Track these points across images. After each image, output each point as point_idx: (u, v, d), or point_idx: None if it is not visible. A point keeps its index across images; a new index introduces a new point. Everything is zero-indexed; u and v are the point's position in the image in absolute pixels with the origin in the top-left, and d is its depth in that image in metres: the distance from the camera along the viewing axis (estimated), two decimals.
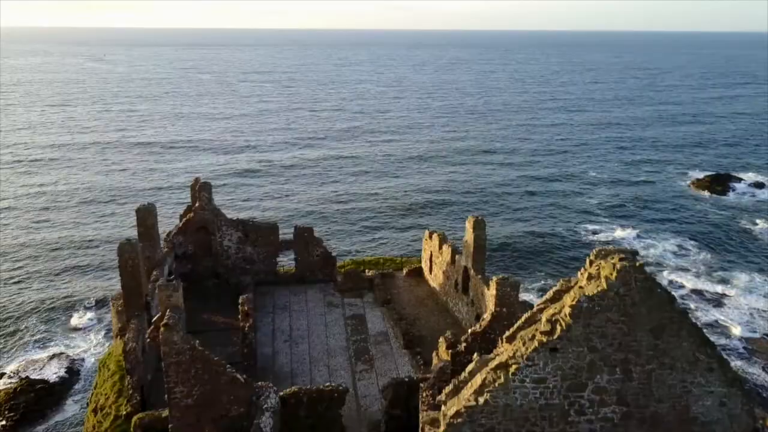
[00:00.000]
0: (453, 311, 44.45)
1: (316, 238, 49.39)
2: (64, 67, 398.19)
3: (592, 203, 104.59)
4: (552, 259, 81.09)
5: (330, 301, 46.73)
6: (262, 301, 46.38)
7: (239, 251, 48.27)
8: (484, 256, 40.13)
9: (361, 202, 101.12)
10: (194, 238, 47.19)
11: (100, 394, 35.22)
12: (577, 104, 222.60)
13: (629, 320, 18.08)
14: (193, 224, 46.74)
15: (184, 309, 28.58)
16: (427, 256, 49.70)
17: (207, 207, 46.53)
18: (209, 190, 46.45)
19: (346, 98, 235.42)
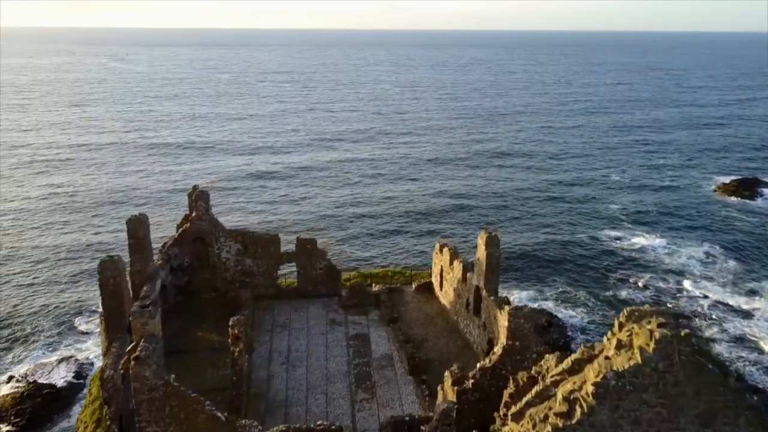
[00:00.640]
0: (464, 332, 41.34)
1: (319, 250, 46.63)
2: (87, 66, 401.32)
3: (614, 209, 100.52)
4: (572, 268, 77.19)
5: (333, 319, 43.90)
6: (261, 318, 43.73)
7: (238, 264, 45.67)
8: (498, 275, 36.98)
9: (376, 206, 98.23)
10: (191, 250, 44.70)
11: (81, 421, 32.81)
12: (598, 106, 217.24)
13: (670, 404, 14.20)
14: (189, 235, 44.24)
15: (178, 327, 25.96)
16: (438, 271, 46.65)
17: (204, 217, 43.99)
18: (206, 199, 43.88)
19: (364, 98, 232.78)
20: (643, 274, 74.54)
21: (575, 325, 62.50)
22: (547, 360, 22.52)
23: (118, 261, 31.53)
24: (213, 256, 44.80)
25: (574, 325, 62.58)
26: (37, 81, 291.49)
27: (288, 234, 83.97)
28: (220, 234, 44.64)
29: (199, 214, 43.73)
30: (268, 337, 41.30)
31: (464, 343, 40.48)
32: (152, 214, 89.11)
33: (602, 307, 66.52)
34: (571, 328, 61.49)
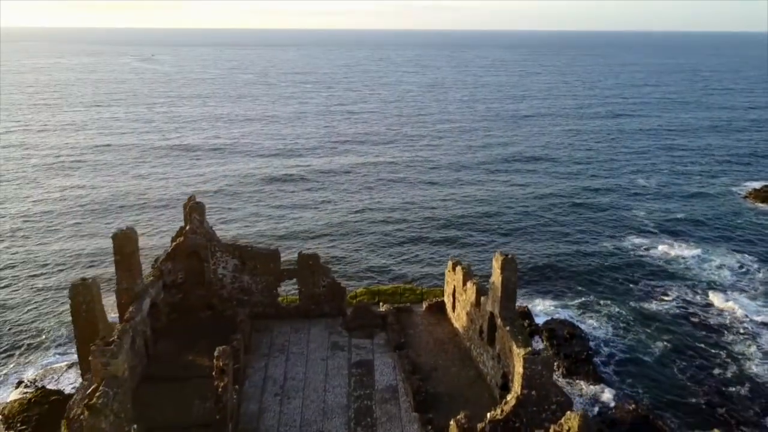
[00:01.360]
0: (477, 361, 37.70)
1: (322, 266, 43.37)
2: (113, 66, 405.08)
3: (640, 216, 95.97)
4: (596, 277, 73.37)
5: (335, 342, 40.59)
6: (258, 341, 40.61)
7: (235, 280, 42.65)
8: (515, 302, 33.28)
9: (393, 212, 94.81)
10: (185, 265, 41.78)
11: None
12: (624, 108, 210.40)
13: None
14: (183, 249, 41.32)
15: (168, 349, 22.87)
16: (450, 291, 43.06)
17: (199, 230, 41.03)
18: (201, 212, 40.90)
19: (385, 99, 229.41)
20: (671, 284, 71.06)
21: (598, 338, 59.60)
22: (569, 419, 18.82)
23: (91, 284, 28.63)
24: (208, 272, 41.83)
25: (598, 337, 59.70)
26: (61, 81, 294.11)
27: (300, 240, 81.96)
28: (216, 248, 41.65)
29: (193, 228, 40.78)
30: (263, 362, 38.15)
31: (477, 374, 36.85)
32: (167, 218, 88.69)
33: (627, 318, 63.42)
34: (593, 340, 58.73)
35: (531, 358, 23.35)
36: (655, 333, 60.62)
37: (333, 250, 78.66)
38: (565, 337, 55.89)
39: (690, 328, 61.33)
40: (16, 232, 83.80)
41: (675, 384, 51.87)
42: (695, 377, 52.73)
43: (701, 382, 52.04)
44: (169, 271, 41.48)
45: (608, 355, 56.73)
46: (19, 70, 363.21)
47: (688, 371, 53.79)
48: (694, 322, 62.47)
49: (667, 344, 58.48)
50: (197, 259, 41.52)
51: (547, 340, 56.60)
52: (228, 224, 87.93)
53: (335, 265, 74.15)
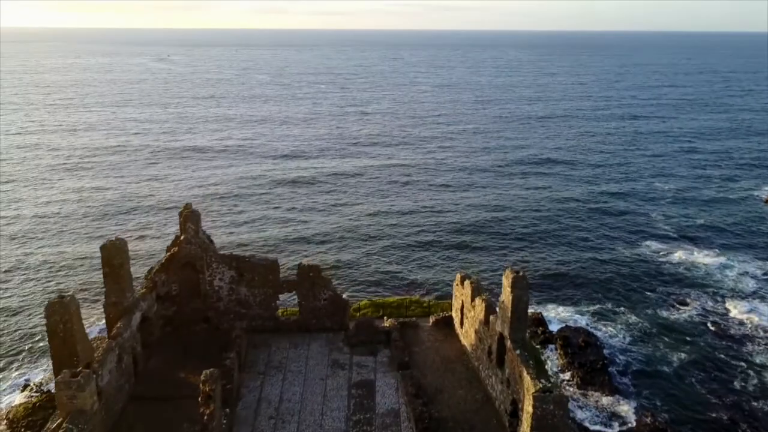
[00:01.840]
0: (485, 384, 35.35)
1: (323, 278, 41.23)
2: (129, 66, 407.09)
3: (658, 221, 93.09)
4: (612, 283, 70.87)
5: (335, 360, 38.43)
6: (254, 357, 38.59)
7: (232, 292, 40.66)
8: (525, 323, 30.95)
9: (405, 216, 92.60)
10: (179, 276, 39.87)
11: None
12: (642, 110, 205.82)
13: None
14: (177, 260, 39.41)
15: (160, 365, 20.89)
16: (458, 306, 40.74)
17: (194, 240, 39.09)
18: (196, 221, 38.95)
19: (399, 101, 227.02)
20: (690, 292, 68.64)
21: (614, 346, 57.62)
22: None
23: (69, 302, 26.70)
24: (204, 283, 39.89)
25: (614, 345, 57.71)
26: (78, 81, 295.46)
27: (310, 244, 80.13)
28: (212, 259, 39.69)
29: (188, 237, 38.86)
30: (259, 381, 36.09)
31: (485, 397, 34.50)
32: (177, 222, 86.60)
33: (644, 326, 61.24)
34: (609, 349, 56.79)
35: (542, 396, 21.05)
36: (673, 342, 58.26)
37: (342, 255, 76.75)
38: (580, 345, 54.21)
39: (710, 338, 58.83)
40: (27, 233, 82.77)
41: (694, 396, 49.51)
42: (715, 390, 50.34)
43: (721, 395, 49.66)
44: (163, 283, 39.59)
45: (624, 364, 54.58)
46: (37, 70, 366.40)
47: (708, 383, 51.43)
48: (714, 332, 60.02)
49: (686, 354, 56.14)
50: (192, 270, 39.61)
51: (560, 348, 54.67)
52: (239, 227, 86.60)
53: (344, 269, 72.55)
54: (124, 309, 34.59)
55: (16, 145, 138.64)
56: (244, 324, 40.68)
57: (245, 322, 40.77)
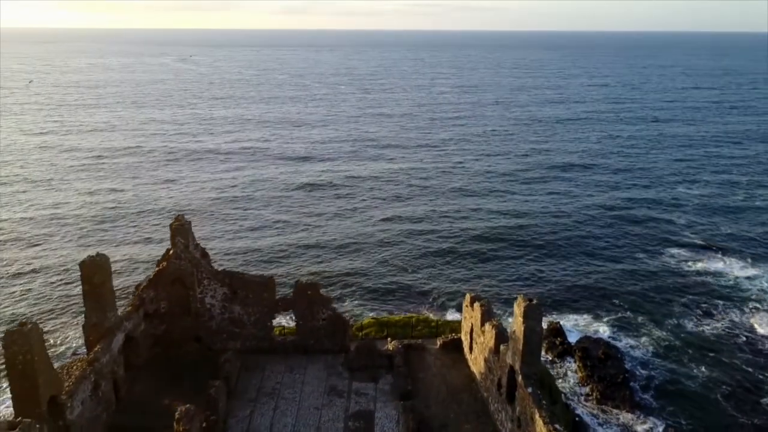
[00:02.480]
0: (494, 418, 32.20)
1: (322, 296, 38.43)
2: (152, 66, 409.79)
3: (682, 228, 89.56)
4: (634, 291, 67.92)
5: (333, 386, 35.58)
6: (246, 382, 35.89)
7: (225, 311, 38.05)
8: (539, 356, 27.78)
9: (421, 222, 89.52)
10: (168, 293, 37.38)
11: None
12: (667, 113, 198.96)
13: None
14: (166, 276, 36.91)
15: (146, 389, 18.27)
16: (468, 329, 37.64)
17: (183, 255, 36.55)
18: (186, 235, 36.39)
19: (419, 102, 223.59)
20: (716, 303, 65.60)
21: (636, 358, 55.05)
22: None
23: (29, 332, 24.18)
24: (194, 301, 37.33)
25: (635, 357, 55.15)
26: (101, 82, 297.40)
27: (324, 251, 77.55)
28: (204, 275, 37.12)
29: (177, 252, 36.32)
30: (249, 410, 33.36)
31: None
32: (193, 227, 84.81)
33: (667, 338, 58.51)
34: (630, 362, 54.32)
35: None
36: (697, 356, 55.28)
37: (355, 262, 74.27)
38: (600, 358, 51.60)
39: (737, 353, 55.75)
40: (47, 236, 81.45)
41: (720, 416, 46.68)
42: (743, 408, 47.47)
43: (749, 414, 46.79)
44: (151, 300, 37.12)
45: (646, 378, 51.38)
46: (63, 70, 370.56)
47: (735, 401, 48.52)
48: (742, 346, 56.97)
49: (712, 369, 52.80)
50: (182, 286, 37.08)
51: (579, 360, 52.30)
52: (252, 232, 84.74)
53: (355, 277, 70.23)
54: (105, 330, 32.15)
55: (37, 146, 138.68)
56: (237, 344, 38.10)
57: (238, 342, 38.18)
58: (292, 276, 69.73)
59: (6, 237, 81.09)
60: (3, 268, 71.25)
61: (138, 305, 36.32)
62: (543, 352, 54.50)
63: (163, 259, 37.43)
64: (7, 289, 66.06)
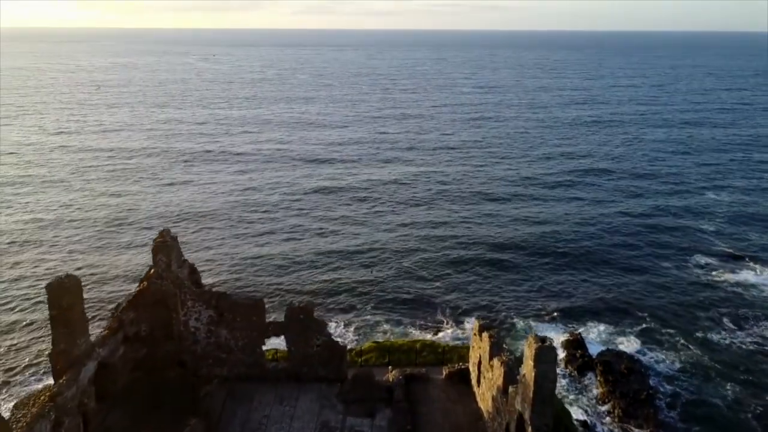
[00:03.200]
0: None
1: (316, 320, 35.20)
2: (176, 65, 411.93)
3: (712, 236, 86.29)
4: (659, 302, 65.32)
5: (325, 422, 32.33)
6: (230, 414, 32.81)
7: (211, 335, 35.06)
8: (551, 406, 24.13)
9: (438, 229, 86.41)
10: (150, 315, 34.50)
11: None
12: (695, 116, 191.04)
13: None
14: (147, 297, 34.04)
15: (122, 420, 15.48)
16: (476, 360, 34.12)
17: (165, 275, 33.63)
18: (169, 252, 33.45)
19: (439, 103, 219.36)
20: (746, 315, 62.82)
21: (661, 373, 52.32)
22: None
23: None
24: (177, 324, 34.40)
25: (660, 372, 52.46)
26: (123, 81, 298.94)
27: (339, 258, 74.77)
28: (188, 297, 34.16)
29: (158, 271, 33.41)
30: None
31: None
32: (206, 230, 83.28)
33: (694, 352, 55.75)
34: (655, 377, 51.01)
35: None
36: (726, 372, 51.76)
37: (366, 276, 71.33)
38: (622, 372, 48.98)
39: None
40: (54, 239, 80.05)
41: None
42: None
43: None
44: (131, 322, 34.28)
45: (672, 395, 48.50)
46: (87, 68, 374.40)
47: (767, 420, 45.87)
48: None
49: (742, 387, 49.66)
50: (164, 308, 34.17)
51: (601, 374, 49.65)
52: (267, 236, 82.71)
53: (367, 286, 67.64)
54: (74, 358, 29.34)
55: (57, 145, 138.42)
56: (224, 370, 35.12)
57: (225, 369, 35.21)
58: (304, 283, 67.73)
59: (9, 239, 79.74)
60: (7, 271, 69.79)
61: (116, 328, 33.51)
62: (562, 365, 52.11)
63: (145, 278, 34.56)
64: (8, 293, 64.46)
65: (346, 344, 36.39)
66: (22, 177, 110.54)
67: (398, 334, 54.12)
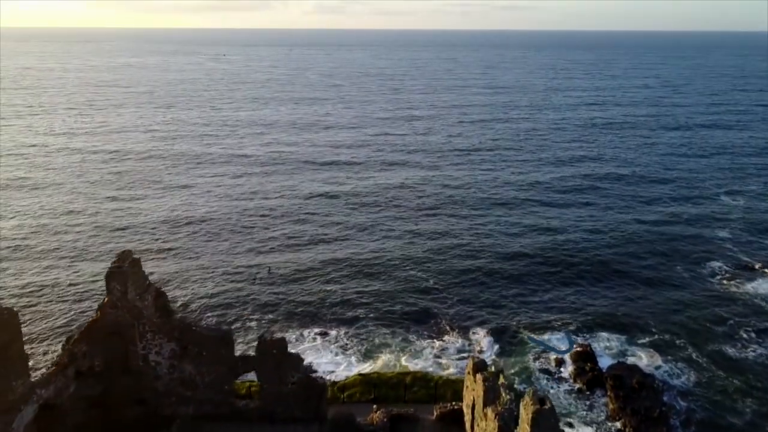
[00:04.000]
0: None
1: (291, 356, 31.44)
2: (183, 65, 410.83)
3: (727, 240, 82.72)
4: (673, 312, 62.10)
5: None
6: None
7: (174, 370, 31.41)
8: None
9: (444, 238, 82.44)
10: (105, 348, 30.92)
11: None
12: (710, 118, 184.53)
13: None
14: (101, 328, 30.46)
15: None
16: (469, 401, 30.22)
17: (121, 304, 30.03)
18: (124, 280, 29.81)
19: (448, 104, 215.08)
20: (764, 325, 59.66)
21: (674, 388, 49.14)
22: None
23: None
24: (135, 358, 30.79)
25: (674, 387, 49.25)
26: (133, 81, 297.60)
27: (339, 269, 71.38)
28: (147, 328, 30.54)
29: (112, 300, 29.81)
30: None
31: None
32: (206, 238, 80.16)
33: (710, 366, 52.21)
34: (668, 392, 48.43)
35: None
36: (745, 387, 49.17)
37: (371, 286, 68.09)
38: (634, 387, 46.80)
39: None
40: (55, 245, 77.32)
41: None
42: None
43: None
44: (84, 355, 30.72)
45: (686, 412, 46.19)
46: (100, 69, 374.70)
47: None
48: None
49: (761, 403, 47.20)
50: (120, 340, 30.58)
51: (611, 389, 46.83)
52: (268, 243, 79.76)
53: (370, 297, 64.66)
54: (8, 404, 25.79)
55: (71, 147, 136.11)
56: (189, 409, 31.46)
57: (191, 408, 31.53)
58: (303, 293, 64.93)
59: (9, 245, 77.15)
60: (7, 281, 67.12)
61: (66, 363, 29.96)
62: (571, 380, 49.76)
63: (99, 308, 30.98)
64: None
65: (325, 382, 32.46)
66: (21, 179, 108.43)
67: (399, 348, 51.30)
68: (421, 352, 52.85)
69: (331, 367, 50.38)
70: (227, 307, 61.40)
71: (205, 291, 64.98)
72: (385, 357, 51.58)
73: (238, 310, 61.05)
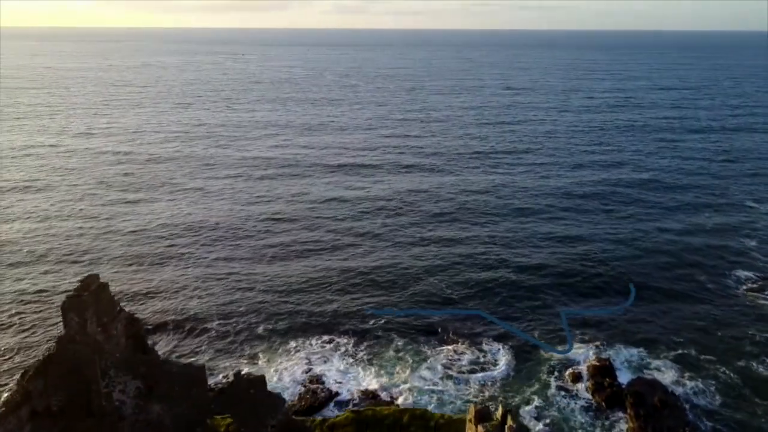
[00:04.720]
0: None
1: (271, 395, 28.09)
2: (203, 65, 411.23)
3: (754, 249, 79.06)
4: (697, 324, 59.57)
5: None
6: None
7: (140, 410, 28.18)
8: None
9: (457, 246, 79.74)
10: (63, 385, 27.77)
11: None
12: (736, 121, 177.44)
13: None
14: (58, 364, 27.32)
15: None
16: None
17: (79, 337, 26.84)
18: (82, 310, 26.61)
19: (466, 106, 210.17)
20: None
21: (699, 407, 46.20)
22: None
23: None
24: (97, 396, 27.59)
25: (698, 406, 46.31)
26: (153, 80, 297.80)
27: (348, 275, 68.98)
28: (110, 365, 27.33)
29: (70, 334, 26.64)
30: None
31: None
32: (207, 248, 77.48)
33: (737, 383, 49.28)
34: (693, 411, 45.50)
35: None
36: None
37: (379, 297, 65.19)
38: (656, 406, 44.18)
39: None
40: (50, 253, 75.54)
41: None
42: None
43: None
44: (40, 393, 27.60)
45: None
46: (119, 68, 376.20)
47: None
48: None
49: None
50: (81, 377, 27.40)
51: (631, 407, 43.45)
52: (277, 249, 77.91)
53: (381, 305, 62.26)
54: None
55: (83, 148, 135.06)
56: None
57: None
58: (312, 301, 62.75)
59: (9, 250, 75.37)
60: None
61: (20, 402, 26.87)
62: (588, 395, 47.37)
63: (56, 341, 27.85)
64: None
65: (310, 425, 28.96)
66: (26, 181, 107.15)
67: (409, 360, 50.06)
68: (431, 364, 50.66)
69: (338, 377, 47.88)
70: (236, 315, 59.81)
71: (214, 298, 63.37)
72: (393, 369, 49.38)
73: (246, 317, 59.53)
